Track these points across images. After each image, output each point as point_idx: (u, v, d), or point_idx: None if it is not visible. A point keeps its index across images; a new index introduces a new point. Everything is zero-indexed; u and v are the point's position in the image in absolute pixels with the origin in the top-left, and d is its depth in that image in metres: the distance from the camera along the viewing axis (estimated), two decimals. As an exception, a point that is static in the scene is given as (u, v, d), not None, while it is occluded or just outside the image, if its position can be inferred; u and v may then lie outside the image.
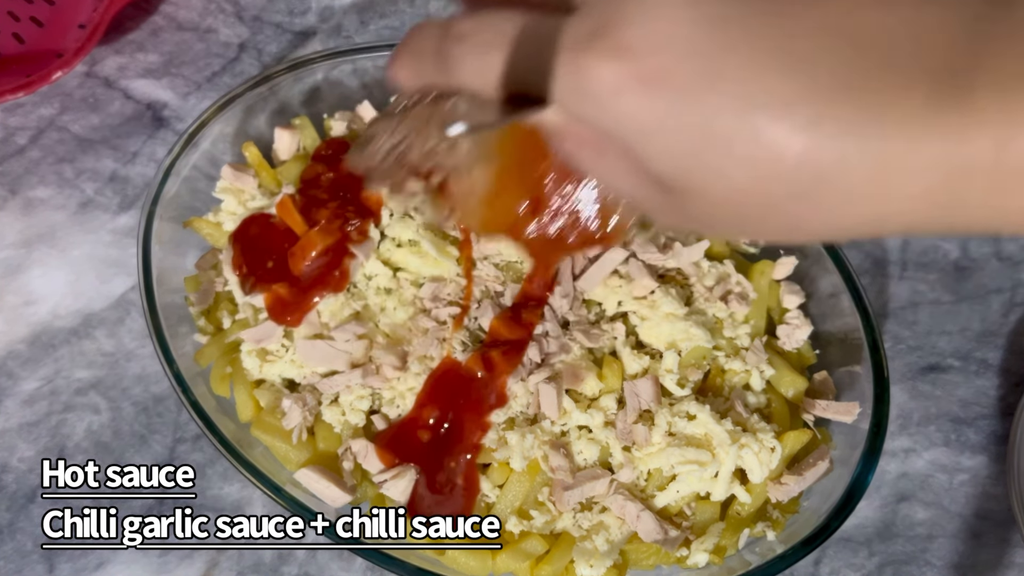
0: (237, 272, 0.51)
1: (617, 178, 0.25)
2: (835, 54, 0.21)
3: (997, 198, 0.21)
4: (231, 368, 0.51)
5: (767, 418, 0.50)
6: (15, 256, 0.56)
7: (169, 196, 0.53)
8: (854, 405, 0.50)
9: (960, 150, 0.20)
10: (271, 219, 0.53)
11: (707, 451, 0.48)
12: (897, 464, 0.53)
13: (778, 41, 0.21)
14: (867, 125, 0.21)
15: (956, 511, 0.53)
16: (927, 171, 0.21)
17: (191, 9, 0.64)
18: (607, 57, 0.22)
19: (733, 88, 0.21)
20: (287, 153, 0.56)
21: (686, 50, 0.21)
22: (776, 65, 0.21)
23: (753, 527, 0.49)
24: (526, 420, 0.49)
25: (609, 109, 0.22)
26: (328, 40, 0.64)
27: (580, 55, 0.22)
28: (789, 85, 0.21)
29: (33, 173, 0.59)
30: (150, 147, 0.60)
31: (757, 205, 0.22)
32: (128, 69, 0.62)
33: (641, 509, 0.47)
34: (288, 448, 0.49)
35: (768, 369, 0.51)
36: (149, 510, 0.51)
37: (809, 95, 0.21)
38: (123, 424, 0.52)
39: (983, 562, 0.52)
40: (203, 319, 0.52)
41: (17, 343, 0.54)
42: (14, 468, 0.51)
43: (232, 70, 0.62)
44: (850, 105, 0.21)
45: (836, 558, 0.51)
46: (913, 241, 0.59)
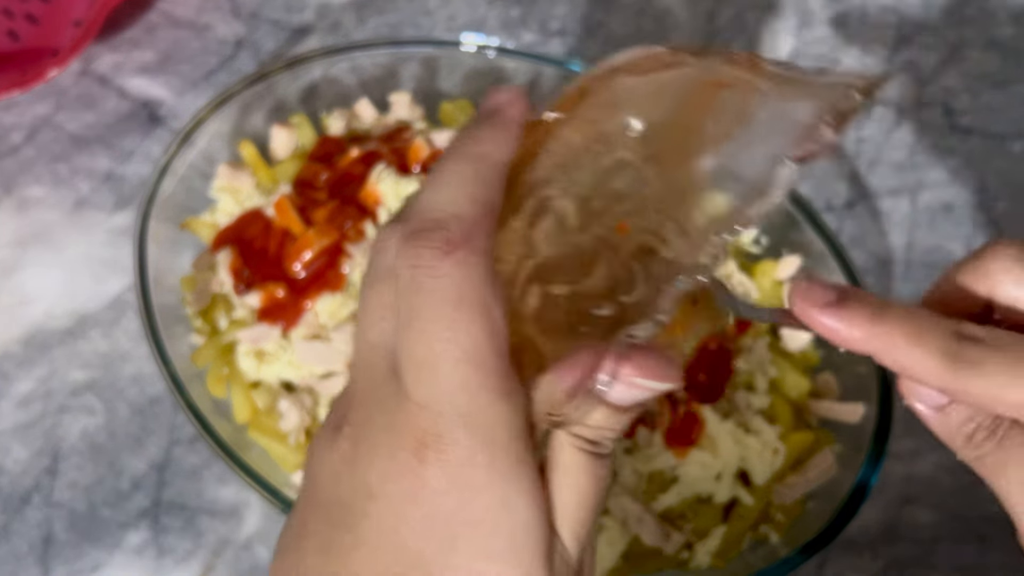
0: (233, 272, 0.51)
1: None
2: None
3: None
4: (228, 369, 0.50)
5: (770, 419, 0.50)
6: (9, 256, 0.56)
7: (165, 195, 0.52)
8: (858, 406, 0.50)
9: None
10: (268, 218, 0.52)
11: (709, 453, 0.48)
12: (902, 466, 0.53)
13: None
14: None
15: (962, 514, 0.52)
16: None
17: (187, 6, 0.64)
18: None
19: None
20: (284, 151, 0.56)
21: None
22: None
23: (756, 530, 0.49)
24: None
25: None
26: (326, 37, 0.63)
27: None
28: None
29: (27, 172, 0.58)
30: (146, 146, 0.59)
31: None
32: (123, 67, 0.61)
33: (642, 512, 0.47)
34: (285, 450, 0.49)
35: (771, 370, 0.51)
36: (144, 512, 0.50)
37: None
38: (118, 426, 0.52)
39: (989, 565, 0.51)
40: (200, 320, 0.52)
41: (11, 344, 0.54)
42: (8, 470, 0.51)
43: (229, 68, 0.62)
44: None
45: (840, 561, 0.51)
46: (918, 241, 0.59)
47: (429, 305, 0.22)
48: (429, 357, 0.22)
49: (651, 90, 0.26)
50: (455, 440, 0.22)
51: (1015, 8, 0.66)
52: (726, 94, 0.25)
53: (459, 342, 0.22)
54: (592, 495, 0.23)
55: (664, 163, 0.25)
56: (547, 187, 0.25)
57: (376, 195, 0.51)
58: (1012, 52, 0.64)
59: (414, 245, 0.22)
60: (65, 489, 0.51)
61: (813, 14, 0.66)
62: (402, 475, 0.22)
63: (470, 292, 0.22)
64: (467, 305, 0.22)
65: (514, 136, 0.24)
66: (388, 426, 0.23)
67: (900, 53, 0.64)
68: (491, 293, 0.22)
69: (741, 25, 0.65)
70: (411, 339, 0.22)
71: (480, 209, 0.23)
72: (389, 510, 0.23)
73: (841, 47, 0.64)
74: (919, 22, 0.66)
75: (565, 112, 0.26)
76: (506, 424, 0.22)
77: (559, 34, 0.65)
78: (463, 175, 0.23)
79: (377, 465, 0.23)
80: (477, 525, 0.22)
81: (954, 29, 0.65)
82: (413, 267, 0.22)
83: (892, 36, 0.65)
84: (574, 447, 0.23)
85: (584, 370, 0.23)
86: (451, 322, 0.22)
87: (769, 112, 0.25)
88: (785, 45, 0.64)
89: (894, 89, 0.63)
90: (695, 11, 0.65)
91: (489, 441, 0.22)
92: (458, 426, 0.22)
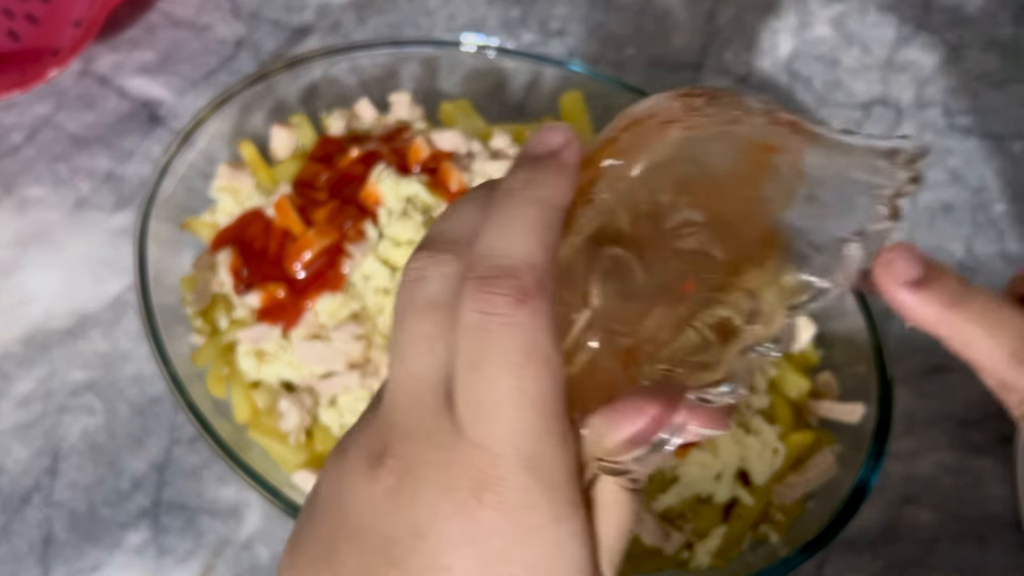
0: (233, 272, 0.51)
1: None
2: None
3: None
4: (228, 369, 0.50)
5: (770, 419, 0.50)
6: (9, 256, 0.56)
7: (165, 195, 0.52)
8: (858, 406, 0.50)
9: None
10: (268, 218, 0.52)
11: (709, 452, 0.48)
12: (902, 466, 0.53)
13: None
14: None
15: (961, 513, 0.52)
16: None
17: (188, 6, 0.64)
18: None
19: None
20: (284, 152, 0.56)
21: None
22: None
23: (756, 529, 0.49)
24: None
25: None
26: (326, 37, 0.63)
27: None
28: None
29: (27, 172, 0.58)
30: (146, 146, 0.59)
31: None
32: (124, 67, 0.62)
33: (642, 512, 0.47)
34: (285, 450, 0.49)
35: (771, 370, 0.51)
36: (144, 512, 0.50)
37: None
38: (118, 426, 0.52)
39: (989, 565, 0.51)
40: (200, 320, 0.52)
41: (11, 344, 0.54)
42: (8, 470, 0.51)
43: (229, 68, 0.62)
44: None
45: (839, 561, 0.51)
46: (918, 241, 0.59)
47: (500, 351, 0.22)
48: (495, 401, 0.22)
49: (706, 147, 0.25)
50: (516, 483, 0.22)
51: (1015, 8, 0.66)
52: (778, 160, 0.25)
53: (527, 390, 0.22)
54: (628, 527, 0.24)
55: (725, 226, 0.24)
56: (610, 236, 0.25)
57: (376, 195, 0.51)
58: (1012, 52, 0.64)
59: (487, 290, 0.22)
60: (65, 489, 0.51)
61: (813, 14, 0.66)
62: (457, 514, 0.22)
63: (540, 341, 0.22)
64: (537, 354, 0.22)
65: (574, 180, 0.24)
66: (442, 464, 0.23)
67: (900, 53, 0.65)
68: (557, 340, 0.23)
69: (741, 25, 0.65)
70: (477, 382, 0.22)
71: (548, 256, 0.23)
72: (442, 548, 0.23)
73: (841, 47, 0.65)
74: (919, 22, 0.66)
75: (622, 158, 0.25)
76: (564, 467, 0.23)
77: (559, 34, 0.65)
78: (531, 221, 0.23)
79: (428, 503, 0.23)
80: (533, 566, 0.22)
81: (954, 29, 0.65)
82: (485, 313, 0.22)
83: (892, 36, 0.65)
84: (618, 485, 0.24)
85: (644, 419, 0.23)
86: (521, 370, 0.22)
87: (827, 184, 0.25)
88: (785, 45, 0.64)
89: (894, 89, 0.63)
90: (695, 11, 0.65)
91: (549, 485, 0.22)
92: (520, 469, 0.22)
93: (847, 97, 0.63)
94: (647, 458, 0.23)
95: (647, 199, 0.24)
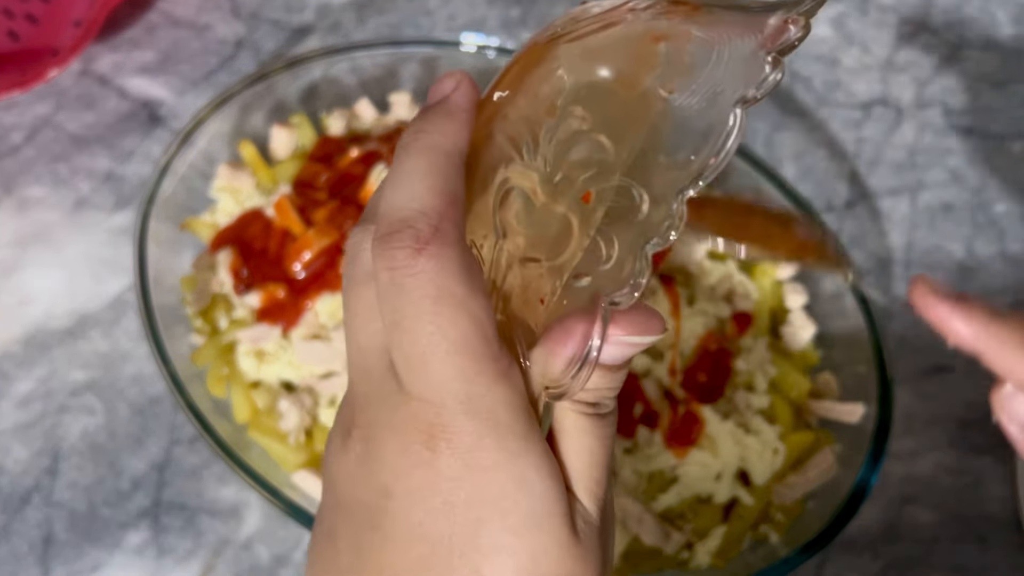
0: (233, 272, 0.51)
1: None
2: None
3: None
4: (228, 369, 0.50)
5: (770, 419, 0.50)
6: (9, 256, 0.56)
7: (165, 195, 0.52)
8: (858, 406, 0.50)
9: None
10: (268, 218, 0.52)
11: (709, 453, 0.48)
12: (901, 466, 0.53)
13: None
14: None
15: (961, 513, 0.52)
16: None
17: (188, 6, 0.64)
18: None
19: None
20: (284, 152, 0.56)
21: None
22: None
23: (756, 529, 0.49)
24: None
25: None
26: (326, 37, 0.63)
27: None
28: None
29: (27, 172, 0.58)
30: (146, 146, 0.59)
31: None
32: (123, 67, 0.61)
33: (642, 511, 0.47)
34: (285, 450, 0.49)
35: (771, 370, 0.51)
36: (144, 512, 0.50)
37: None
38: (119, 426, 0.52)
39: (989, 565, 0.51)
40: (200, 320, 0.52)
41: (11, 344, 0.54)
42: (8, 470, 0.51)
43: (229, 68, 0.62)
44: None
45: (839, 561, 0.51)
46: (918, 241, 0.59)
47: (411, 303, 0.22)
48: (420, 353, 0.22)
49: (589, 53, 0.25)
50: (461, 427, 0.23)
51: (1014, 8, 0.66)
52: (663, 47, 0.25)
53: (445, 334, 0.22)
54: (601, 454, 0.24)
55: (615, 127, 0.25)
56: (509, 166, 0.25)
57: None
58: (1012, 52, 0.64)
59: (387, 247, 0.22)
60: (65, 489, 0.51)
61: (813, 14, 0.66)
62: (416, 468, 0.23)
63: (448, 283, 0.22)
64: (447, 296, 0.22)
65: (464, 122, 0.24)
66: (395, 424, 0.23)
67: (900, 53, 0.64)
68: (470, 280, 0.22)
69: (741, 25, 0.65)
70: (400, 339, 0.23)
71: (443, 200, 0.23)
72: (410, 504, 0.23)
73: (841, 47, 0.64)
74: (919, 22, 0.66)
75: (512, 88, 0.25)
76: (507, 404, 0.23)
77: (559, 34, 0.65)
78: (420, 170, 0.23)
79: (390, 463, 0.23)
80: (496, 504, 0.23)
81: (954, 29, 0.65)
82: (390, 269, 0.22)
83: (892, 36, 0.65)
84: (576, 412, 0.24)
85: (574, 340, 0.23)
86: (434, 316, 0.22)
87: (709, 56, 0.25)
88: (785, 45, 0.64)
89: (894, 89, 0.63)
90: (695, 11, 0.65)
91: (493, 423, 0.23)
92: (461, 414, 0.22)
93: (847, 97, 0.63)
94: (579, 375, 0.23)
95: (538, 120, 0.25)
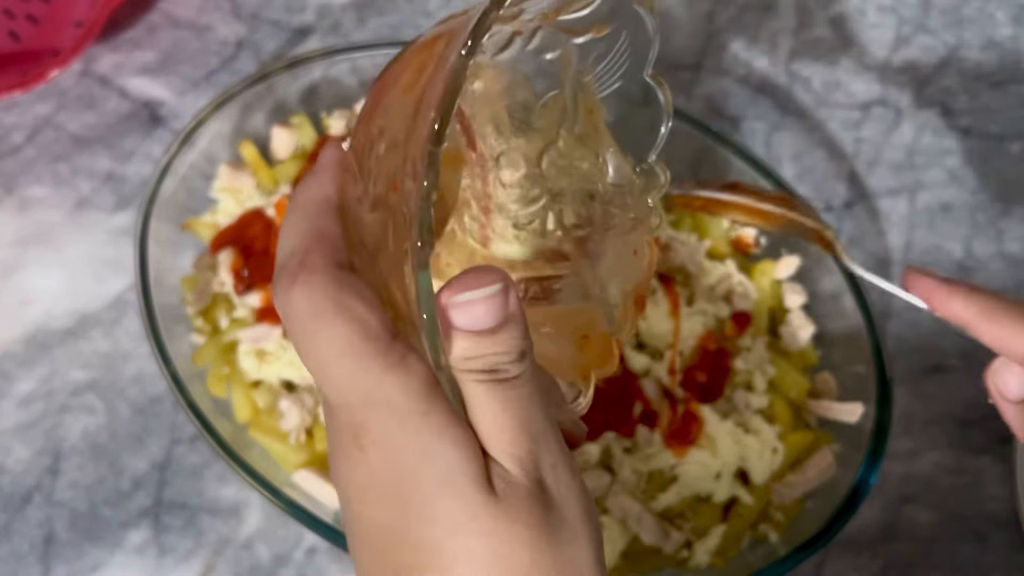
0: (233, 272, 0.51)
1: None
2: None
3: None
4: (228, 369, 0.50)
5: (769, 419, 0.50)
6: (10, 256, 0.56)
7: (166, 195, 0.52)
8: (857, 406, 0.50)
9: None
10: (268, 219, 0.53)
11: (709, 452, 0.48)
12: (900, 465, 0.53)
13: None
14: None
15: (960, 513, 0.52)
16: None
17: (188, 6, 0.64)
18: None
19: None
20: (285, 152, 0.56)
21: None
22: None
23: (755, 529, 0.49)
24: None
25: None
26: (326, 38, 0.63)
27: None
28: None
29: (28, 172, 0.58)
30: (147, 146, 0.59)
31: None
32: (124, 67, 0.62)
33: (642, 511, 0.47)
34: (286, 449, 0.49)
35: (770, 369, 0.51)
36: (145, 511, 0.50)
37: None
38: (119, 425, 0.52)
39: (988, 564, 0.51)
40: (200, 319, 0.52)
41: (12, 343, 0.54)
42: (9, 469, 0.51)
43: (230, 68, 0.62)
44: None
45: (839, 560, 0.51)
46: (916, 241, 0.59)
47: (297, 325, 0.25)
48: (318, 365, 0.25)
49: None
50: (370, 421, 0.25)
51: (1013, 9, 0.66)
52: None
53: (331, 344, 0.25)
54: (509, 418, 0.25)
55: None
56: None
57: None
58: (1010, 53, 0.64)
59: (274, 289, 0.26)
60: (66, 488, 0.51)
61: (812, 15, 0.66)
62: (355, 469, 0.26)
63: (322, 301, 0.25)
64: (322, 312, 0.25)
65: (326, 177, 0.28)
66: (332, 432, 0.26)
67: (899, 54, 0.65)
68: (344, 293, 0.25)
69: (741, 26, 0.65)
70: (304, 359, 0.26)
71: (308, 239, 0.26)
72: (359, 502, 0.26)
73: (840, 48, 0.65)
74: (918, 23, 0.66)
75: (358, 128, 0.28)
76: (401, 388, 0.25)
77: (559, 35, 0.65)
78: (289, 221, 0.27)
79: (337, 468, 0.26)
80: (412, 479, 0.25)
81: (952, 30, 0.65)
82: (280, 308, 0.26)
83: (891, 37, 0.65)
84: (475, 381, 0.25)
85: (443, 319, 0.25)
86: (314, 332, 0.25)
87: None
88: (784, 46, 0.65)
89: (892, 90, 0.63)
90: (694, 12, 0.65)
91: (391, 409, 0.25)
92: (368, 408, 0.25)
93: (846, 98, 0.63)
94: (456, 347, 0.25)
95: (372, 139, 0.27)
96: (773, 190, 0.51)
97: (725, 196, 0.41)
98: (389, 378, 0.25)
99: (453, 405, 0.25)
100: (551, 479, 0.26)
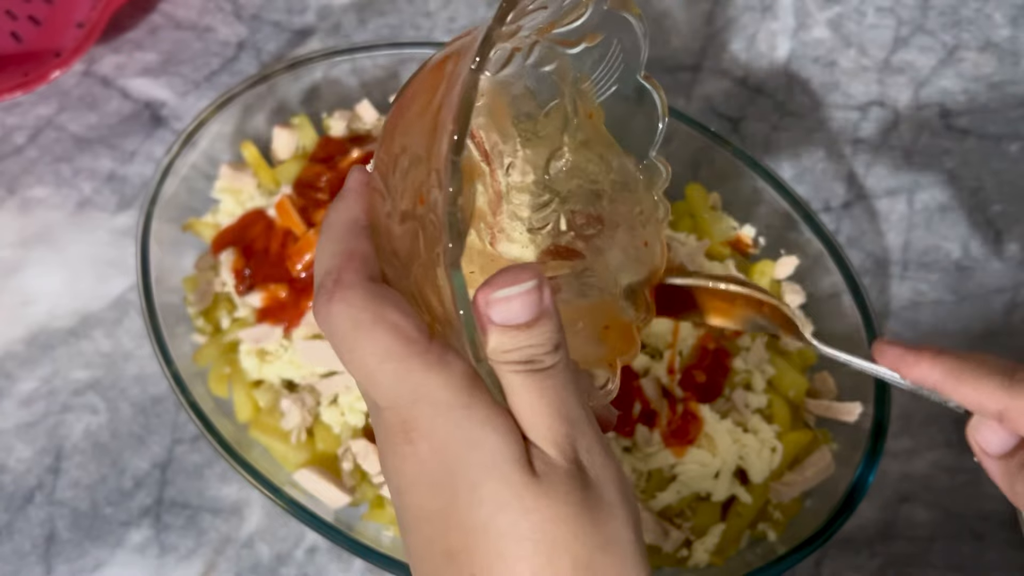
0: (234, 272, 0.51)
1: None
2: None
3: None
4: (230, 368, 0.50)
5: (768, 418, 0.50)
6: (12, 256, 0.56)
7: (167, 196, 0.52)
8: (855, 405, 0.50)
9: None
10: (269, 219, 0.53)
11: (708, 451, 0.48)
12: (899, 465, 0.53)
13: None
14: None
15: (958, 512, 0.52)
16: None
17: (189, 8, 0.64)
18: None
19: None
20: (286, 152, 0.56)
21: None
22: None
23: (754, 527, 0.49)
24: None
25: None
26: (327, 39, 0.63)
27: None
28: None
29: (30, 172, 0.58)
30: (148, 146, 0.59)
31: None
32: (126, 68, 0.62)
33: (641, 510, 0.47)
34: (287, 449, 0.49)
35: (769, 369, 0.51)
36: (146, 511, 0.50)
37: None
38: (121, 425, 0.52)
39: (986, 563, 0.51)
40: (201, 319, 0.52)
41: (14, 343, 0.54)
42: (11, 469, 0.51)
43: (231, 69, 0.62)
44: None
45: (837, 559, 0.51)
46: (914, 241, 0.59)
47: (339, 340, 0.27)
48: (365, 373, 0.27)
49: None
50: (418, 417, 0.27)
51: (1011, 9, 0.66)
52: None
53: (373, 352, 0.27)
54: (547, 404, 0.27)
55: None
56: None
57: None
58: (1009, 54, 0.65)
59: (315, 307, 0.28)
60: (68, 488, 0.51)
61: (811, 16, 0.66)
62: (405, 463, 0.27)
63: (359, 313, 0.27)
64: (361, 323, 0.27)
65: (354, 199, 0.30)
66: (383, 435, 0.28)
67: (897, 55, 0.65)
68: (380, 303, 0.27)
69: (739, 27, 0.65)
70: (350, 369, 0.28)
71: (340, 259, 0.28)
72: (410, 494, 0.28)
73: (839, 49, 0.65)
74: (916, 24, 0.66)
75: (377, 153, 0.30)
76: (444, 385, 0.27)
77: (558, 36, 0.66)
78: (323, 244, 0.30)
79: (391, 466, 0.28)
80: (460, 467, 0.27)
81: (951, 31, 0.66)
82: (322, 324, 0.28)
83: (889, 38, 0.65)
84: (510, 372, 0.27)
85: (472, 315, 0.27)
86: (355, 341, 0.27)
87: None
88: (783, 47, 0.65)
89: (891, 90, 0.64)
90: (693, 13, 0.66)
91: (435, 405, 0.27)
92: (412, 406, 0.27)
93: (845, 99, 0.63)
94: (494, 341, 0.27)
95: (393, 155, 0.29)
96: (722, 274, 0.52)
97: (679, 280, 0.39)
98: (431, 377, 0.27)
99: (494, 394, 0.27)
100: (587, 460, 0.28)
